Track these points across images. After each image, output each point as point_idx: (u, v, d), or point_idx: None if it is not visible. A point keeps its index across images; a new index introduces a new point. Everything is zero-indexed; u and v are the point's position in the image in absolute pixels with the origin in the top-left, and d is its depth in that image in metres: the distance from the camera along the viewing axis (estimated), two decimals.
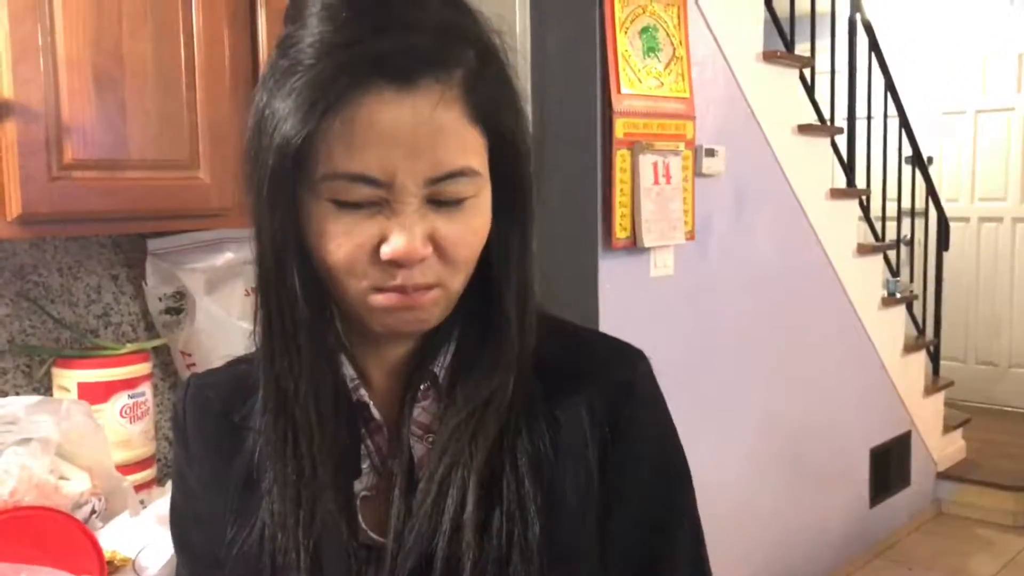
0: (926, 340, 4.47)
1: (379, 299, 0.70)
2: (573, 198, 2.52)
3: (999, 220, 5.83)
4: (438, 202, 0.69)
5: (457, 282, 0.73)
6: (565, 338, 0.82)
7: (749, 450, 3.20)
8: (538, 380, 0.77)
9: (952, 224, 4.92)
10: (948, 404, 4.60)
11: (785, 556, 3.41)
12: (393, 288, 0.70)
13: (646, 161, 2.59)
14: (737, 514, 3.11)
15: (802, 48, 3.54)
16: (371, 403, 0.77)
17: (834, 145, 3.69)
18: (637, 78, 2.59)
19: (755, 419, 3.21)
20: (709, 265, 2.94)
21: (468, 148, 0.69)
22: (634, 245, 2.60)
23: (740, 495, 3.14)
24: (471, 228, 0.71)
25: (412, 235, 0.68)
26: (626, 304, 2.62)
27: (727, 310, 3.04)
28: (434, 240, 0.69)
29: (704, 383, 2.95)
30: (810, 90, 3.50)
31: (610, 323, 2.47)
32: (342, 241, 0.68)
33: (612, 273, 2.58)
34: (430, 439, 0.75)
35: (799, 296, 3.42)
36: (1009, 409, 5.74)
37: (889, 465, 4.02)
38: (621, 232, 2.57)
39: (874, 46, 3.96)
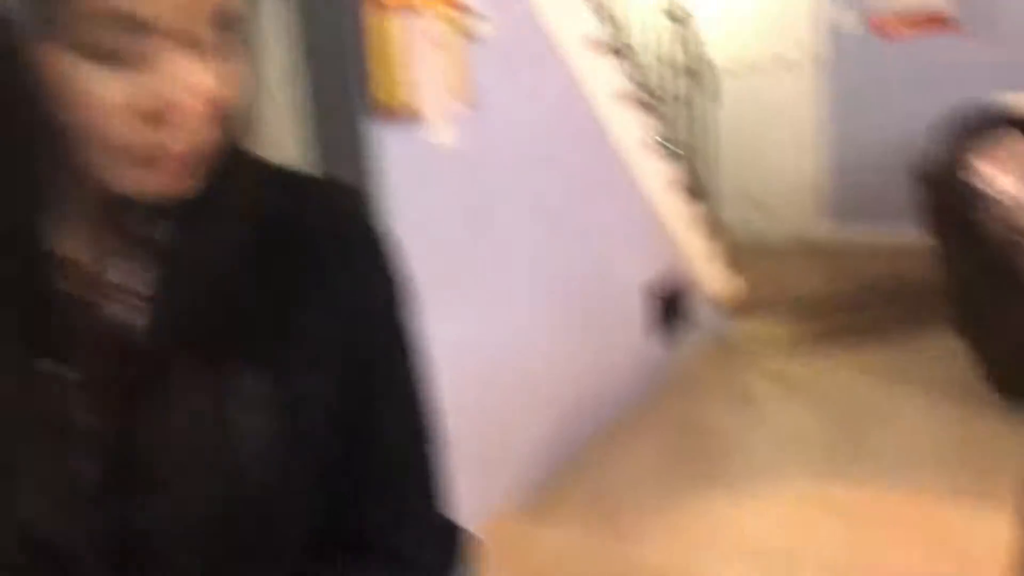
0: (701, 185, 4.69)
1: (144, 163, 0.61)
2: (340, 67, 2.44)
3: (766, 69, 6.13)
4: (209, 51, 0.60)
5: (213, 140, 0.64)
6: (284, 186, 0.76)
7: (539, 311, 3.29)
8: (263, 237, 0.71)
9: (723, 77, 5.14)
10: (724, 245, 4.90)
11: (580, 405, 3.58)
12: (161, 152, 0.60)
13: (414, 26, 2.54)
14: (531, 375, 3.23)
15: None
16: (69, 278, 0.66)
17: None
18: None
19: (539, 277, 3.30)
20: (484, 127, 2.95)
21: None
22: (407, 114, 2.57)
23: (530, 355, 3.24)
24: (233, 82, 0.63)
25: (193, 91, 0.59)
26: (401, 172, 2.59)
27: (502, 174, 3.07)
28: (205, 96, 0.60)
29: (483, 247, 2.98)
30: None
31: (388, 193, 2.45)
32: (102, 100, 0.57)
33: (388, 144, 2.54)
34: (143, 306, 0.68)
35: (572, 150, 3.50)
36: (780, 247, 6.21)
37: (675, 304, 4.30)
38: (392, 100, 2.52)
39: None
